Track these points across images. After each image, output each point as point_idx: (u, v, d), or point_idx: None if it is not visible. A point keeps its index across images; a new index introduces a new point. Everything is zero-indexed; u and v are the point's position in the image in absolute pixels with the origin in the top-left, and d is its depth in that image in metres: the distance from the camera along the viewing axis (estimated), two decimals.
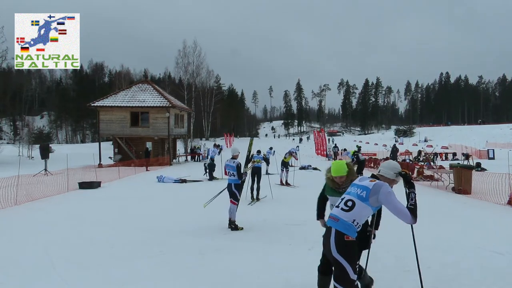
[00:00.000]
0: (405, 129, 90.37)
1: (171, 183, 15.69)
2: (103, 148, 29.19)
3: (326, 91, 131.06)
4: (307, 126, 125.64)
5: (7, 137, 64.74)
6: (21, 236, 6.85)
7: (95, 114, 34.36)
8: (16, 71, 66.72)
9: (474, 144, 43.95)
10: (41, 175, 16.70)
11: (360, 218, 3.07)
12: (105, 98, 29.68)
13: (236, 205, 7.26)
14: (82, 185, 13.72)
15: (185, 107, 36.36)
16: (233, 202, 7.23)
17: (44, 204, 10.51)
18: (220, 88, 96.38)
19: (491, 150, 32.19)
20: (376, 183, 3.13)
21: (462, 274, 4.58)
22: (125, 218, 8.45)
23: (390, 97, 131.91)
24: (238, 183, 7.34)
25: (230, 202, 7.24)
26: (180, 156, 35.66)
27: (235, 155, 7.55)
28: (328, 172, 3.92)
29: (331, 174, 3.85)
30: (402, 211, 3.02)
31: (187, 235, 6.80)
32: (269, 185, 11.96)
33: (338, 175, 3.78)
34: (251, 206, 10.09)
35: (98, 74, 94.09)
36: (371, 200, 3.06)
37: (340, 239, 3.00)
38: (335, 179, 3.82)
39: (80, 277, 4.65)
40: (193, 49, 59.10)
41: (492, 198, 10.04)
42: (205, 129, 74.94)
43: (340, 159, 19.14)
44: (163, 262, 5.22)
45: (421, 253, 3.56)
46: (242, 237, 6.65)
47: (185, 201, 10.83)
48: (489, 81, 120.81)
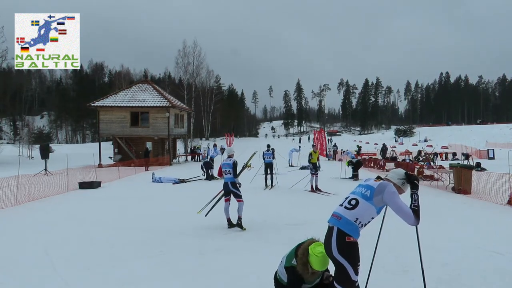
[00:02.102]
0: (405, 129, 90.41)
1: (171, 183, 15.68)
2: (103, 148, 29.18)
3: (326, 91, 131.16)
4: (307, 126, 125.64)
5: (7, 137, 64.68)
6: (21, 236, 6.85)
7: (95, 114, 34.35)
8: (16, 71, 66.76)
9: (474, 144, 43.93)
10: (41, 175, 16.70)
11: (363, 217, 3.06)
12: (105, 98, 29.67)
13: (242, 201, 7.29)
14: (82, 185, 13.72)
15: (185, 107, 36.36)
16: (239, 200, 7.27)
17: (44, 204, 10.51)
18: (220, 88, 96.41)
19: (491, 150, 32.16)
20: (381, 183, 3.13)
21: (462, 274, 4.58)
22: (125, 218, 8.45)
23: (390, 97, 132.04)
24: (234, 181, 7.39)
25: (237, 201, 7.26)
26: (180, 156, 35.68)
27: (230, 155, 7.78)
28: (307, 267, 3.02)
29: (312, 268, 3.01)
30: (405, 212, 3.02)
31: (187, 235, 6.80)
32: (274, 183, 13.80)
33: (324, 268, 3.06)
34: (268, 190, 13.17)
35: (98, 74, 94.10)
36: (375, 199, 3.05)
37: (341, 240, 2.98)
38: (316, 273, 3.07)
39: (80, 277, 4.65)
40: (193, 49, 59.15)
41: (492, 198, 10.03)
42: (205, 129, 74.96)
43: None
44: (163, 262, 5.22)
45: (421, 253, 3.55)
46: (242, 237, 6.65)
47: (185, 201, 10.83)
48: (489, 81, 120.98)
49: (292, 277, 3.07)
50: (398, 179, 3.24)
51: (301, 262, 3.03)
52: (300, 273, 3.01)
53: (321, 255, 2.99)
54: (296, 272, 3.05)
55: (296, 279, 3.04)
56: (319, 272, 3.01)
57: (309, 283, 3.11)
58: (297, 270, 3.04)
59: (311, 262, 2.97)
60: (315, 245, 3.06)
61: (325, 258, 3.01)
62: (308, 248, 3.03)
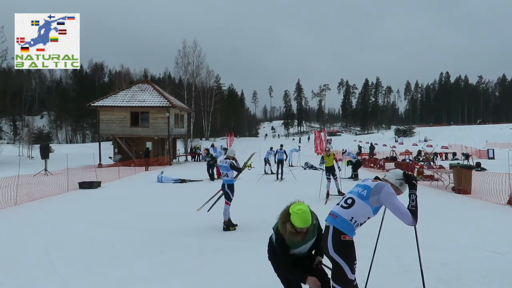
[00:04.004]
0: (405, 129, 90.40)
1: (171, 183, 15.69)
2: (103, 148, 29.19)
3: (326, 91, 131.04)
4: (307, 126, 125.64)
5: (7, 137, 64.72)
6: (21, 236, 6.86)
7: (95, 114, 34.37)
8: (16, 71, 66.77)
9: (474, 144, 43.95)
10: (41, 175, 16.69)
11: (358, 216, 3.06)
12: (105, 98, 29.69)
13: (229, 205, 7.29)
14: (82, 185, 13.72)
15: (185, 107, 36.37)
16: (227, 203, 7.28)
17: (44, 204, 10.51)
18: (220, 88, 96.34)
19: (491, 150, 32.16)
20: (378, 183, 3.13)
21: (462, 274, 4.58)
22: (125, 218, 8.45)
23: (390, 97, 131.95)
24: (231, 183, 7.41)
25: (225, 203, 7.28)
26: (180, 156, 35.69)
27: (229, 156, 7.65)
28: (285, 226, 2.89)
29: (294, 226, 2.87)
30: (403, 212, 3.02)
31: (187, 235, 6.80)
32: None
33: (306, 226, 2.89)
34: (278, 182, 15.79)
35: (98, 74, 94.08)
36: (371, 199, 3.06)
37: (337, 238, 2.99)
38: (301, 231, 2.90)
39: (80, 277, 4.65)
40: (193, 49, 59.25)
41: (492, 198, 10.03)
42: (205, 129, 74.94)
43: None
44: (163, 262, 5.22)
45: (421, 253, 3.55)
46: (242, 237, 6.65)
47: (185, 201, 10.82)
48: (489, 81, 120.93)
49: (276, 240, 3.05)
50: (396, 180, 3.24)
51: (280, 221, 2.97)
52: (281, 234, 2.95)
53: (300, 211, 2.89)
54: (277, 233, 3.02)
55: (279, 241, 3.00)
56: (301, 234, 2.91)
57: (294, 247, 3.02)
58: (278, 231, 3.00)
59: (292, 221, 2.88)
60: (295, 205, 3.02)
61: (305, 214, 2.89)
62: (289, 209, 3.00)
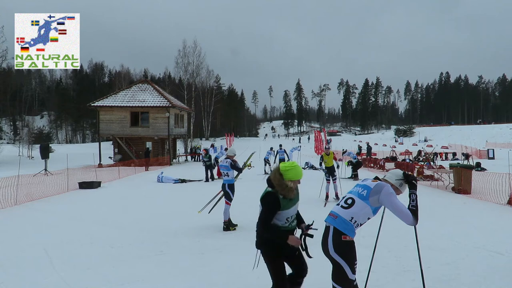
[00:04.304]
0: (405, 129, 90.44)
1: (171, 183, 15.69)
2: (103, 148, 29.20)
3: (326, 91, 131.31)
4: (307, 126, 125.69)
5: (7, 137, 64.71)
6: (21, 236, 6.85)
7: (95, 114, 34.34)
8: (16, 71, 66.65)
9: (474, 144, 43.98)
10: (41, 175, 16.70)
11: (358, 217, 3.07)
12: (105, 98, 29.69)
13: (229, 205, 7.30)
14: (82, 185, 13.72)
15: (185, 107, 36.36)
16: (227, 203, 7.29)
17: (44, 204, 10.51)
18: (220, 88, 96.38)
19: (491, 150, 32.17)
20: (378, 183, 3.13)
21: (462, 274, 4.58)
22: (125, 218, 8.45)
23: (390, 97, 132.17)
24: (232, 183, 7.41)
25: (225, 203, 7.29)
26: (180, 156, 35.69)
27: (229, 156, 7.63)
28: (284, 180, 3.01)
29: (294, 180, 3.04)
30: (403, 212, 3.02)
31: (187, 235, 6.80)
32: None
33: (301, 177, 3.10)
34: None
35: (98, 74, 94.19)
36: (371, 199, 3.06)
37: (337, 238, 3.00)
38: (296, 185, 3.09)
39: (80, 277, 4.65)
40: (193, 49, 59.08)
41: (492, 198, 10.03)
42: (205, 129, 74.94)
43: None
44: (163, 262, 5.22)
45: (421, 253, 3.55)
46: (242, 237, 6.64)
47: (185, 201, 10.83)
48: (489, 81, 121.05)
49: (268, 201, 3.05)
50: (396, 180, 3.24)
51: (276, 184, 3.03)
52: (279, 194, 3.01)
53: (292, 166, 3.07)
54: (272, 194, 3.04)
55: (272, 201, 3.02)
56: (295, 189, 3.05)
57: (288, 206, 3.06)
58: (273, 193, 3.04)
59: (288, 177, 3.01)
60: (281, 164, 3.16)
61: (298, 167, 3.09)
62: (278, 170, 3.10)
